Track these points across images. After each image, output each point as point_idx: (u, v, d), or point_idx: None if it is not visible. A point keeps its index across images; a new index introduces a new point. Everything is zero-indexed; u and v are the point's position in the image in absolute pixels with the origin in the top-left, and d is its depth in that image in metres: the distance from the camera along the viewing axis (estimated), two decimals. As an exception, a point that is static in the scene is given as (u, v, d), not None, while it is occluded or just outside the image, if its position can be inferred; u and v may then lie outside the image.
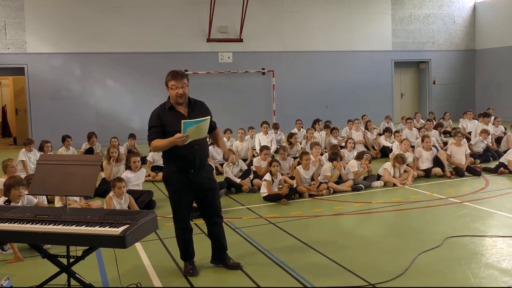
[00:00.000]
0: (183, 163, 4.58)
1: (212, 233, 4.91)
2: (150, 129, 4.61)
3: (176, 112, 4.60)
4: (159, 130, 4.55)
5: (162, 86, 17.82)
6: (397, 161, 8.68)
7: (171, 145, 4.42)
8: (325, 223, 6.59)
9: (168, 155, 4.63)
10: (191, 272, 4.71)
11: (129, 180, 7.59)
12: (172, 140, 4.37)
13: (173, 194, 4.73)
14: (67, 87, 15.51)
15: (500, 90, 19.66)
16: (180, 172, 4.60)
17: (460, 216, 6.62)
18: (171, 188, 4.72)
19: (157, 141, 4.52)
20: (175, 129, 4.40)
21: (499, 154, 10.57)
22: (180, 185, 4.63)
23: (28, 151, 9.76)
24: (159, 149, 4.62)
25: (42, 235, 3.61)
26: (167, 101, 4.68)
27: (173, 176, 4.64)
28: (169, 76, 4.59)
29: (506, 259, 4.90)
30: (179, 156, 4.54)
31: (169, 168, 4.69)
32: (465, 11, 20.57)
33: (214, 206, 4.83)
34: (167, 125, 4.53)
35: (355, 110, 17.06)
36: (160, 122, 4.56)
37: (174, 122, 4.46)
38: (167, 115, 4.58)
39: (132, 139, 12.00)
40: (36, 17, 15.03)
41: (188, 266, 4.79)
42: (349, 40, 18.69)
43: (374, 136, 12.29)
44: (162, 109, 4.65)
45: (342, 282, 4.44)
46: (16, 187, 5.50)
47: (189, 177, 4.61)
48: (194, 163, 4.58)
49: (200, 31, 16.67)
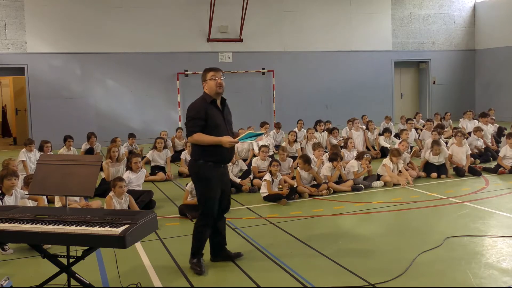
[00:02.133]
0: (220, 158, 4.67)
1: (219, 227, 4.94)
2: (192, 120, 4.62)
3: (216, 106, 4.72)
4: (202, 123, 4.58)
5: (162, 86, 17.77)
6: (393, 155, 8.70)
7: (217, 143, 4.53)
8: (325, 223, 6.59)
9: (205, 149, 4.62)
10: (198, 270, 4.69)
11: (130, 180, 7.59)
12: (222, 140, 4.51)
13: (206, 189, 4.71)
14: (67, 87, 15.51)
15: (500, 90, 19.67)
16: (214, 167, 4.67)
17: (460, 216, 6.62)
18: (204, 183, 4.70)
19: (202, 135, 4.57)
20: (215, 123, 4.59)
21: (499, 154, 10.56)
22: (212, 181, 4.67)
23: (28, 151, 9.75)
24: (200, 143, 4.61)
25: (42, 235, 3.61)
26: (206, 95, 4.72)
27: (209, 171, 4.66)
28: (207, 70, 4.74)
29: (506, 259, 4.90)
30: (219, 151, 4.62)
31: (205, 163, 4.66)
32: (465, 11, 20.57)
33: (228, 201, 5.01)
34: (210, 118, 4.59)
35: (355, 110, 17.06)
36: (204, 114, 4.59)
37: (215, 116, 4.63)
38: (210, 108, 4.65)
39: (132, 138, 12.02)
40: (36, 17, 15.04)
41: (196, 262, 4.76)
42: (349, 40, 18.69)
43: (374, 136, 12.30)
44: (204, 102, 4.69)
45: (342, 282, 4.44)
46: (9, 178, 5.65)
47: (220, 171, 4.73)
48: (226, 159, 4.76)
49: (200, 31, 16.68)
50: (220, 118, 4.67)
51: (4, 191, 5.64)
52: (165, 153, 10.18)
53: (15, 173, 5.90)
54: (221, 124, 4.64)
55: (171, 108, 16.53)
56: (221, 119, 4.70)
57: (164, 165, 10.06)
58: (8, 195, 5.70)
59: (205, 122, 4.59)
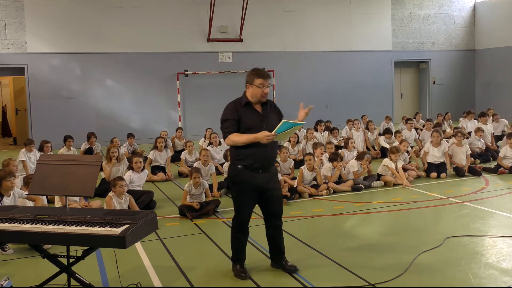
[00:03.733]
0: (252, 162, 4.44)
1: (271, 235, 4.76)
2: (226, 121, 4.49)
3: (252, 108, 4.54)
4: (236, 124, 4.46)
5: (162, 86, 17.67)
6: (391, 152, 8.70)
7: (254, 141, 4.33)
8: (325, 223, 6.59)
9: (239, 152, 4.48)
10: (243, 276, 4.58)
11: (132, 180, 7.59)
12: (258, 136, 4.30)
13: (237, 195, 4.61)
14: (67, 87, 15.51)
15: (500, 90, 19.66)
16: (248, 171, 4.46)
17: (460, 216, 6.62)
18: (236, 187, 4.59)
19: (237, 135, 4.42)
20: (250, 125, 4.40)
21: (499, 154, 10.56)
22: (246, 185, 4.48)
23: (28, 151, 9.76)
24: (237, 144, 4.43)
25: (42, 235, 3.61)
26: (243, 97, 4.58)
27: (240, 175, 4.50)
28: (257, 75, 4.50)
29: (506, 259, 4.90)
30: (250, 155, 4.42)
31: (236, 166, 4.53)
32: (465, 11, 20.57)
33: (277, 208, 4.72)
34: (242, 120, 4.46)
35: (355, 110, 17.06)
36: (237, 115, 4.47)
37: (249, 118, 4.45)
38: (243, 110, 4.51)
39: (131, 138, 12.02)
40: (36, 17, 15.04)
41: (239, 269, 4.65)
42: (349, 40, 18.69)
43: (374, 136, 12.31)
44: (238, 104, 4.56)
45: (342, 282, 4.44)
46: (8, 179, 5.64)
47: (256, 177, 4.47)
48: (264, 163, 4.47)
49: (200, 31, 16.67)
50: (255, 120, 4.45)
51: (2, 192, 5.62)
52: (166, 153, 10.18)
53: (12, 173, 5.91)
54: (254, 127, 4.39)
55: (171, 108, 16.52)
56: (256, 121, 4.47)
57: (164, 165, 10.07)
58: (6, 196, 5.68)
59: (238, 123, 4.46)
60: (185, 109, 16.63)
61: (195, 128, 15.88)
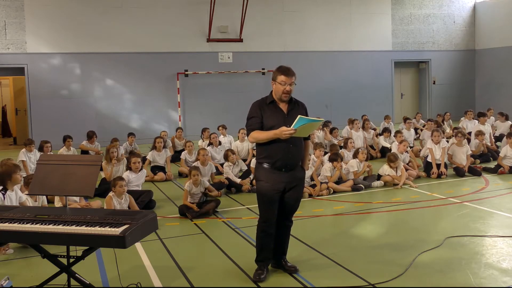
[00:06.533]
0: (276, 161, 4.41)
1: (278, 235, 4.69)
2: (250, 119, 4.51)
3: (277, 107, 4.52)
4: (259, 121, 4.46)
5: (162, 86, 17.72)
6: (389, 160, 8.71)
7: (274, 137, 4.30)
8: (325, 223, 6.59)
9: (263, 151, 4.47)
10: (258, 278, 4.53)
11: (130, 180, 7.58)
12: (277, 132, 4.25)
13: (260, 194, 4.59)
14: (67, 87, 15.51)
15: (500, 90, 19.66)
16: (272, 170, 4.44)
17: (460, 216, 6.62)
18: (258, 185, 4.57)
19: (258, 132, 4.42)
20: (271, 124, 4.38)
21: (498, 154, 10.55)
22: (270, 185, 4.46)
23: (28, 151, 9.76)
24: (258, 140, 4.43)
25: (42, 235, 3.60)
26: (269, 95, 4.58)
27: (264, 174, 4.48)
28: (280, 71, 4.49)
29: (506, 259, 4.90)
30: (273, 153, 4.40)
31: (260, 165, 4.52)
32: (465, 11, 20.57)
33: (293, 209, 4.69)
34: (265, 118, 4.45)
35: (355, 110, 17.04)
36: (260, 113, 4.48)
37: (272, 117, 4.43)
38: (267, 108, 4.51)
39: (132, 137, 12.02)
40: (36, 17, 15.03)
41: (258, 270, 4.61)
42: (349, 40, 18.69)
43: (371, 136, 12.25)
44: (263, 102, 4.56)
45: (342, 282, 4.44)
46: (18, 172, 5.72)
47: (279, 176, 4.44)
48: (286, 162, 4.43)
49: (200, 31, 16.66)
50: (278, 119, 4.40)
51: (8, 187, 5.59)
52: (165, 153, 10.18)
53: (19, 166, 5.98)
54: (277, 125, 4.31)
55: (171, 108, 16.51)
56: (279, 120, 4.40)
57: (164, 165, 10.07)
58: (10, 190, 5.65)
59: (262, 121, 4.45)
60: (185, 109, 16.62)
61: (195, 128, 15.86)
